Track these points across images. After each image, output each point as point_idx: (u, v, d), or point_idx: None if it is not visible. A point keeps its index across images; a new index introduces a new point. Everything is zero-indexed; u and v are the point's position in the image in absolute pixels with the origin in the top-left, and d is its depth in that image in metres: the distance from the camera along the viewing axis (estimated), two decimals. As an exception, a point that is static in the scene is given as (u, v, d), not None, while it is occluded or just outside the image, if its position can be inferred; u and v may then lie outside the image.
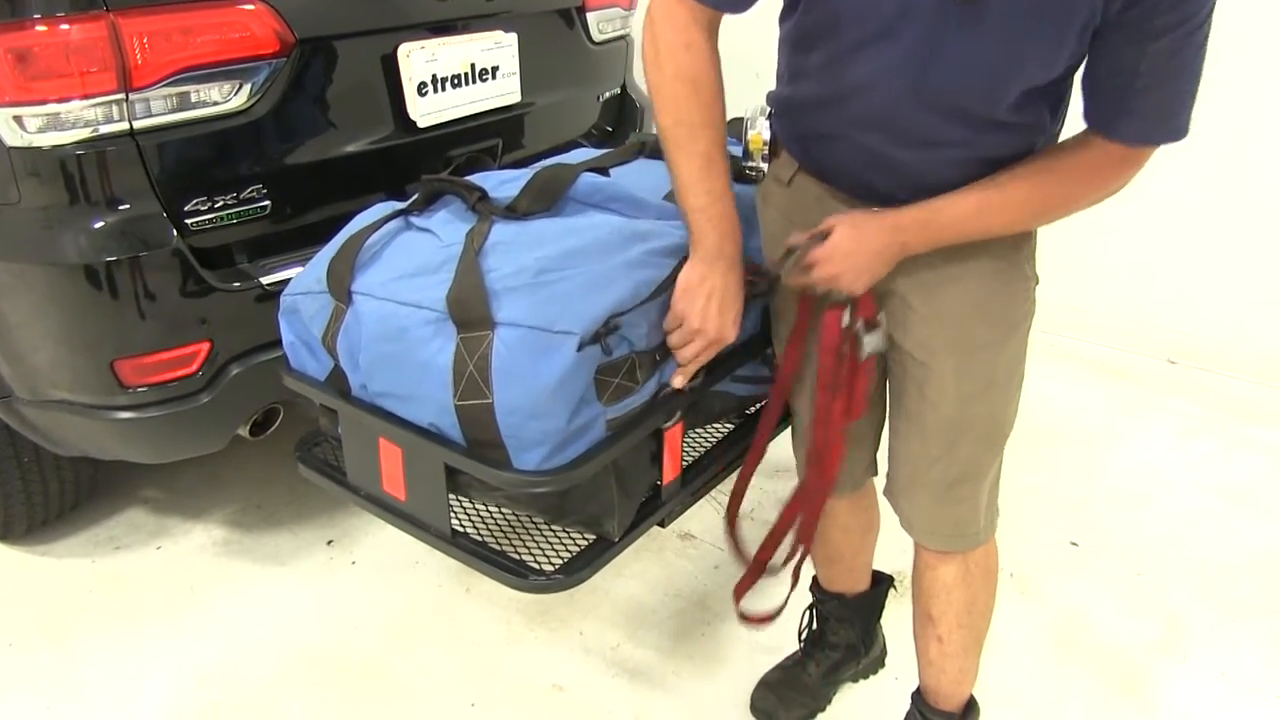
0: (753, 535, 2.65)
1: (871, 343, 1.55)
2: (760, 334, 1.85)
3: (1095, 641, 2.35)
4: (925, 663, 1.92)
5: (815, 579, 2.17)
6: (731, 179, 1.52)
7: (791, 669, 2.19)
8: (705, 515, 2.75)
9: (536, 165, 1.79)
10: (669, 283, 1.55)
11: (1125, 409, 3.39)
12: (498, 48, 2.61)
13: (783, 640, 2.30)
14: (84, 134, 1.96)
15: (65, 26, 1.91)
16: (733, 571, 2.52)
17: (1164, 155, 3.04)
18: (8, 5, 1.90)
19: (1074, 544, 2.68)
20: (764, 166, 1.83)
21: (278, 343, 1.83)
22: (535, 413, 1.41)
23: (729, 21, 1.47)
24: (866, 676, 2.26)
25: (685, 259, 1.55)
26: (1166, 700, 2.19)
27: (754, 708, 2.15)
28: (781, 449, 3.00)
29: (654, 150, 2.04)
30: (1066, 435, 3.20)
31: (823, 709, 2.17)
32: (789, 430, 1.94)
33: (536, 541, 1.71)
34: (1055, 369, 3.66)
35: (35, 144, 1.95)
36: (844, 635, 2.16)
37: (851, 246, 1.43)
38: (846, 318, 1.53)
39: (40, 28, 1.90)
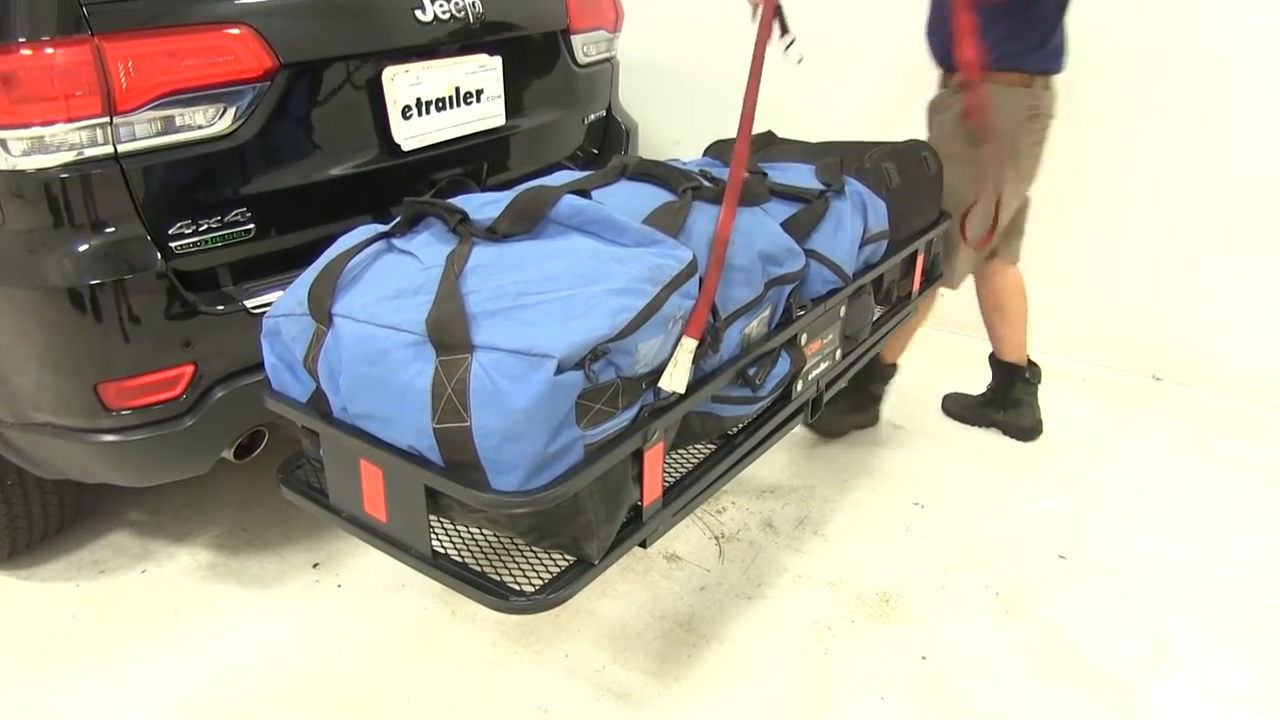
0: (738, 555, 2.67)
1: None
2: (741, 356, 1.86)
3: (1080, 658, 2.34)
4: (998, 339, 3.25)
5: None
6: None
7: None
8: (691, 536, 2.75)
9: (518, 187, 1.79)
10: (650, 309, 1.55)
11: (1110, 425, 3.40)
12: (482, 71, 2.62)
13: (768, 663, 2.31)
14: (68, 157, 1.96)
15: (50, 50, 1.91)
16: (719, 594, 2.53)
17: (1147, 173, 3.07)
18: (-8, 29, 1.91)
19: (1061, 557, 2.68)
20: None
21: (261, 366, 1.83)
22: (511, 435, 1.42)
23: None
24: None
25: (665, 286, 1.57)
26: (1152, 717, 2.19)
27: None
28: (768, 470, 3.02)
29: (636, 172, 2.05)
30: (1052, 451, 3.22)
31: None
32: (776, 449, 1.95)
33: (518, 563, 1.71)
34: (1041, 385, 3.66)
35: (19, 167, 1.95)
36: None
37: None
38: None
39: (25, 51, 1.91)
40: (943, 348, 3.93)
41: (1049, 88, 2.77)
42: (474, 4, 2.56)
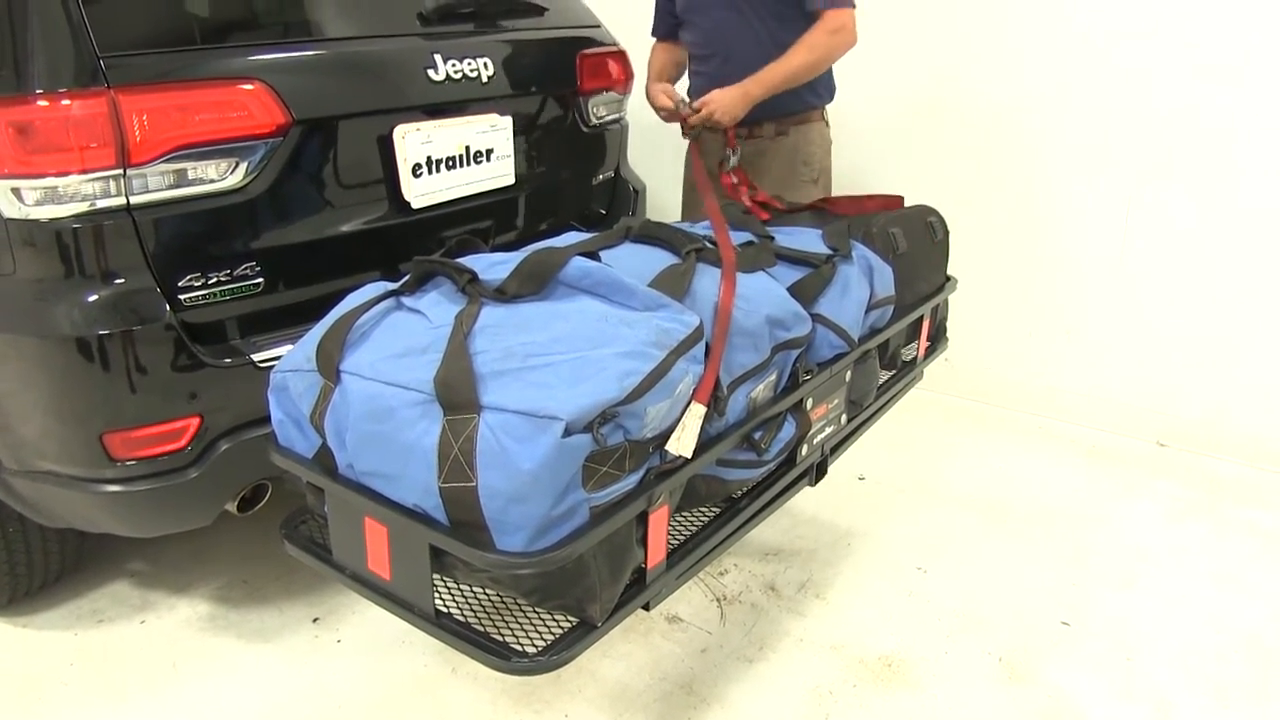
0: (740, 617, 2.65)
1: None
2: (747, 420, 1.86)
3: (1085, 729, 2.33)
4: None
5: None
6: None
7: None
8: (694, 598, 2.74)
9: (527, 248, 1.80)
10: (658, 374, 1.56)
11: (1114, 491, 3.39)
12: (493, 130, 2.65)
13: (769, 724, 2.29)
14: (81, 208, 1.98)
15: (67, 102, 1.94)
16: (720, 656, 2.51)
17: (1152, 237, 3.07)
18: (12, 79, 1.94)
19: (1065, 623, 2.66)
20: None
21: (267, 419, 1.83)
22: (517, 497, 1.41)
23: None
24: None
25: (672, 350, 1.58)
26: (1156, 791, 2.17)
27: None
28: (770, 533, 3.00)
29: (641, 234, 2.07)
30: (1056, 517, 3.20)
31: None
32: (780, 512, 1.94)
33: (520, 623, 1.70)
34: (1045, 450, 3.67)
35: (32, 216, 1.97)
36: None
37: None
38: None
39: (42, 102, 1.93)
40: (947, 412, 3.93)
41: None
42: (486, 64, 2.60)
